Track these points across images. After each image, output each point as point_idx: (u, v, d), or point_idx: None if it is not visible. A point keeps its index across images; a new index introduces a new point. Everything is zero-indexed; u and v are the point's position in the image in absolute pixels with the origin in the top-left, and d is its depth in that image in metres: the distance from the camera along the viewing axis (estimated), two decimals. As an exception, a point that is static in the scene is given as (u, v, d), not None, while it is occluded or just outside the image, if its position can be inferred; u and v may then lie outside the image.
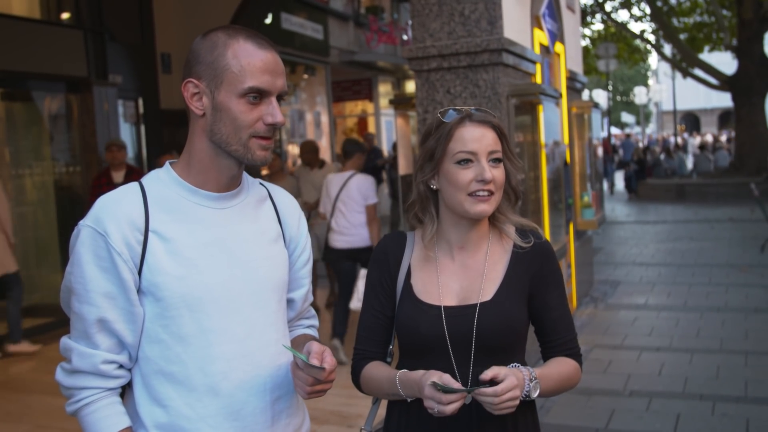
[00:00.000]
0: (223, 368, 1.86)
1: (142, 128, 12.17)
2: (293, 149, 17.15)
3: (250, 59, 1.82)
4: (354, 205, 7.10)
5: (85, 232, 1.81)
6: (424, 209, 2.20)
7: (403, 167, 7.36)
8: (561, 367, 2.14)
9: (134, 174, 7.74)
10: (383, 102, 21.20)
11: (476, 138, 2.06)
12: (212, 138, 1.85)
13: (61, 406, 1.93)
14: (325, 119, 18.60)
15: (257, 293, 1.93)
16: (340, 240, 7.12)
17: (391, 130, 21.15)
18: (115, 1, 11.45)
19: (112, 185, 7.67)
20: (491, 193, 2.07)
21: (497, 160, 2.09)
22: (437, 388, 1.86)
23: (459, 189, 2.07)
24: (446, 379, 1.89)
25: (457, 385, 1.88)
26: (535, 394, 1.97)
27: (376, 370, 2.17)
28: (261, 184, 2.08)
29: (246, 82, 1.81)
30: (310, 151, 9.33)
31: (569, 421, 5.32)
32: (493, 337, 2.09)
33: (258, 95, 1.83)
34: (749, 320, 7.74)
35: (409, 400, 2.05)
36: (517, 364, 2.00)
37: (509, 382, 1.88)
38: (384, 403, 2.30)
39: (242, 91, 1.81)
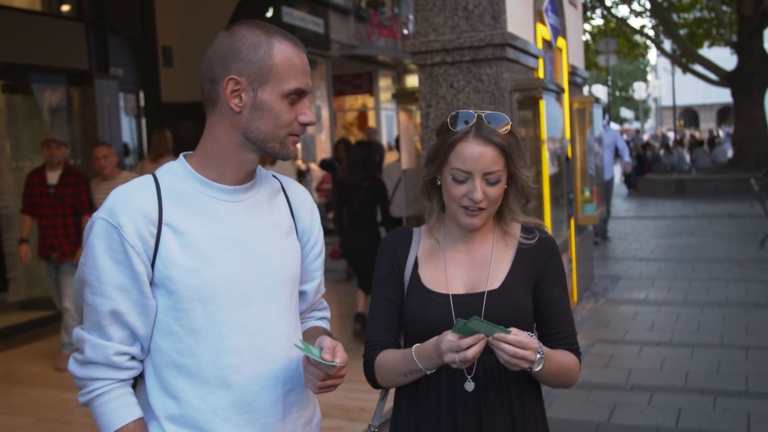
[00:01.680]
0: (235, 361, 1.87)
1: (143, 121, 12.18)
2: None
3: (293, 60, 1.85)
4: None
5: (99, 224, 1.82)
6: (428, 199, 2.25)
7: (406, 162, 7.38)
8: (564, 356, 2.15)
9: (71, 175, 7.06)
10: (383, 96, 21.21)
11: (474, 158, 2.07)
12: (247, 135, 1.86)
13: (64, 399, 1.95)
14: (325, 113, 18.60)
15: (270, 286, 1.94)
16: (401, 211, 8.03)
17: (391, 124, 21.16)
18: (117, -6, 11.44)
19: (45, 186, 7.03)
20: (482, 208, 2.10)
21: (494, 179, 2.10)
22: (456, 326, 1.87)
23: (452, 200, 2.12)
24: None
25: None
26: (537, 368, 1.96)
27: (389, 354, 2.18)
28: (274, 176, 2.09)
29: (292, 83, 1.84)
30: None
31: (571, 415, 5.34)
32: (501, 324, 2.10)
33: (298, 96, 1.87)
34: (749, 315, 7.76)
35: (428, 372, 2.05)
36: (532, 333, 2.01)
37: (530, 342, 1.91)
38: (391, 398, 2.31)
39: (287, 91, 1.84)
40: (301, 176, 17.37)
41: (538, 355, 1.95)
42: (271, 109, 1.84)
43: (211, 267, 1.84)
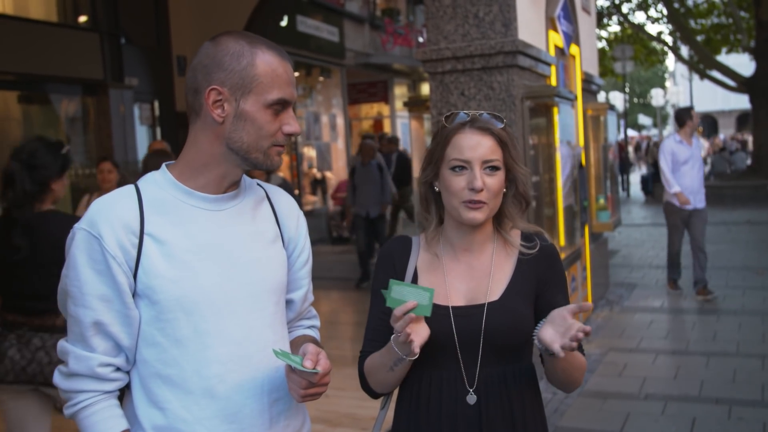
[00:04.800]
0: (219, 371, 1.86)
1: (158, 130, 12.24)
2: (308, 151, 17.19)
3: (277, 71, 1.84)
4: None
5: (79, 235, 1.81)
6: (427, 209, 2.22)
7: (417, 169, 7.39)
8: (576, 353, 2.09)
9: None
10: (399, 104, 21.22)
11: (471, 146, 2.06)
12: (230, 145, 1.85)
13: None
14: (340, 121, 18.65)
15: (254, 295, 1.93)
16: None
17: (406, 132, 21.15)
18: (132, 5, 11.53)
19: None
20: (483, 201, 2.06)
21: (494, 168, 2.08)
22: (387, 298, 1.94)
23: (453, 195, 2.08)
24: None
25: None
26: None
27: (376, 354, 2.15)
28: (259, 184, 2.08)
29: (275, 94, 1.83)
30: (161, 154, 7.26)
31: (584, 424, 5.29)
32: (501, 336, 2.08)
33: (281, 106, 1.86)
34: (766, 323, 7.67)
35: (408, 358, 2.00)
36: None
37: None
38: (392, 407, 2.29)
39: (270, 101, 1.83)
40: (318, 184, 17.42)
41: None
42: (254, 119, 1.83)
43: (193, 276, 1.83)
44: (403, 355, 1.99)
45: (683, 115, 9.09)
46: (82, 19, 10.96)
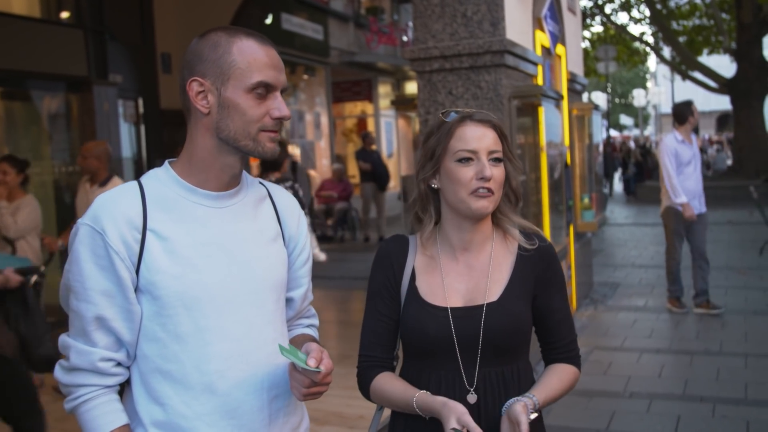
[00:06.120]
0: (219, 367, 1.86)
1: (142, 128, 12.18)
2: (292, 150, 17.16)
3: (255, 55, 1.84)
4: None
5: (83, 230, 1.81)
6: (424, 208, 2.21)
7: (404, 168, 7.39)
8: (563, 380, 2.16)
9: None
10: (383, 103, 21.20)
11: (477, 137, 2.08)
12: (220, 135, 1.86)
13: (62, 408, 1.92)
14: (324, 120, 18.62)
15: (255, 292, 1.93)
16: None
17: (390, 131, 21.15)
18: (116, 1, 11.46)
19: None
20: (491, 191, 2.08)
21: (497, 160, 2.10)
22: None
23: (460, 186, 2.08)
24: (466, 419, 1.89)
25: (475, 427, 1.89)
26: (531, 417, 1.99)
27: (389, 385, 2.15)
28: (261, 183, 2.08)
29: (253, 77, 1.83)
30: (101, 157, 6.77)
31: (570, 422, 5.32)
32: (500, 337, 2.09)
33: (265, 90, 1.85)
34: (748, 322, 7.74)
35: (428, 418, 2.03)
36: (522, 399, 2.01)
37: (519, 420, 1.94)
38: (387, 409, 2.29)
39: (250, 86, 1.83)
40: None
41: (533, 416, 1.99)
42: (236, 105, 1.83)
43: (195, 272, 1.83)
44: (426, 416, 2.02)
45: (684, 111, 8.13)
46: (66, 15, 10.89)
